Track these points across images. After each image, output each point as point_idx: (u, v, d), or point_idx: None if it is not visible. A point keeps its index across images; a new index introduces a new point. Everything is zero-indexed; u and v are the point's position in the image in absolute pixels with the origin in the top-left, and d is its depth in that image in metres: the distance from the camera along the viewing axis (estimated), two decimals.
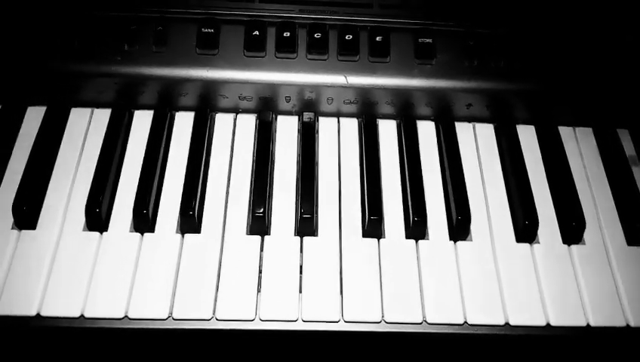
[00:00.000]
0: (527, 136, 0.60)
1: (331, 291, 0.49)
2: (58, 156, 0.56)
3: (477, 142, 0.60)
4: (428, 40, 0.58)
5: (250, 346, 0.50)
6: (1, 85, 0.57)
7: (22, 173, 0.53)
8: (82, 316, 0.47)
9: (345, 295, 0.49)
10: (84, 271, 0.49)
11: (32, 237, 0.51)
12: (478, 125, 0.61)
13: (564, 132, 0.61)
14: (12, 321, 0.47)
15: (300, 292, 0.49)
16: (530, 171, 0.58)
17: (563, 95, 0.59)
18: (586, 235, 0.54)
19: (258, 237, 0.52)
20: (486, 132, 0.60)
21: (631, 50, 0.59)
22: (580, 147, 0.61)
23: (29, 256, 0.50)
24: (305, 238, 0.52)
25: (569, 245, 0.54)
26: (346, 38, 0.57)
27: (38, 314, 0.47)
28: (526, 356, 0.53)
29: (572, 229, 0.54)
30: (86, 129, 0.58)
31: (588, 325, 0.50)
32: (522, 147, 0.59)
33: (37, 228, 0.51)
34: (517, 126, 0.61)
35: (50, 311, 0.47)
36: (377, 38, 0.58)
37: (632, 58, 0.59)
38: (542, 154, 0.59)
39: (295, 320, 0.48)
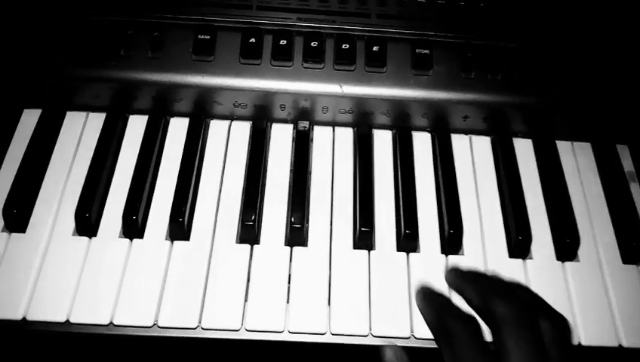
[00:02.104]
0: (524, 150, 0.60)
1: (319, 302, 0.49)
2: (51, 159, 0.55)
3: (473, 154, 0.59)
4: (425, 51, 0.57)
5: (236, 356, 0.50)
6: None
7: (14, 176, 0.53)
8: (68, 321, 0.47)
9: (332, 307, 0.49)
10: (72, 275, 0.49)
11: (21, 240, 0.51)
12: (475, 137, 0.60)
13: (562, 146, 0.60)
14: None
15: (288, 302, 0.49)
16: (526, 185, 0.57)
17: (561, 109, 0.58)
18: (581, 252, 0.54)
19: (247, 246, 0.52)
20: (482, 144, 0.60)
21: (631, 65, 0.58)
22: (578, 162, 0.60)
23: (17, 259, 0.50)
24: (295, 248, 0.52)
25: (563, 261, 0.53)
26: (343, 47, 0.57)
27: (24, 319, 0.47)
28: None
29: (566, 246, 0.53)
30: (80, 133, 0.58)
31: (579, 344, 0.49)
32: (518, 160, 0.58)
33: (27, 231, 0.51)
34: (514, 139, 0.60)
35: (36, 315, 0.47)
36: (374, 48, 0.57)
37: (632, 73, 0.58)
38: (538, 169, 0.59)
39: (281, 331, 0.48)
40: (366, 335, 0.48)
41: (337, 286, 0.50)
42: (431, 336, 0.47)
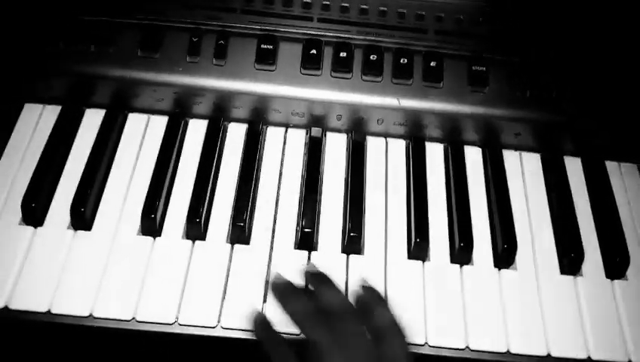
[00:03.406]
0: (574, 167, 0.61)
1: None
2: (114, 160, 0.57)
3: (523, 170, 0.60)
4: (481, 68, 0.59)
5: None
6: (61, 87, 0.59)
7: (81, 173, 0.55)
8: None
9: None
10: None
11: (86, 238, 0.52)
12: (525, 154, 0.61)
13: (610, 166, 0.62)
14: None
15: None
16: (575, 202, 0.58)
17: (613, 130, 0.59)
18: (630, 272, 0.55)
19: (305, 253, 0.53)
20: (533, 161, 0.61)
21: None
22: (625, 182, 0.61)
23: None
24: (351, 256, 0.53)
25: (612, 279, 0.54)
26: (401, 61, 0.58)
27: (91, 315, 0.49)
28: None
29: (616, 265, 0.54)
30: (142, 137, 0.59)
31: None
32: (569, 178, 0.60)
33: (92, 230, 0.53)
34: (564, 157, 0.61)
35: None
36: (431, 64, 0.59)
37: None
38: (587, 187, 0.60)
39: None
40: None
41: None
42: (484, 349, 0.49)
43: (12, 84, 0.59)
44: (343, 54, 0.58)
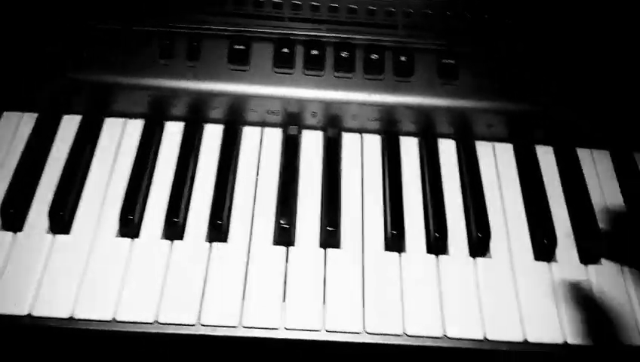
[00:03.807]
0: (546, 156, 0.62)
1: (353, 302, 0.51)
2: (92, 164, 0.58)
3: (497, 161, 0.61)
4: (451, 61, 0.60)
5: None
6: (40, 94, 0.59)
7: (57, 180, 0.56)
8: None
9: (366, 306, 0.51)
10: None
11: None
12: (498, 144, 0.62)
13: (581, 154, 0.63)
14: None
15: (324, 303, 0.51)
16: (548, 189, 0.59)
17: (585, 118, 0.60)
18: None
19: (283, 248, 0.54)
20: (506, 151, 0.62)
21: None
22: (597, 169, 0.62)
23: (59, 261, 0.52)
24: (328, 250, 0.54)
25: (586, 264, 0.55)
26: (372, 57, 0.59)
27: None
28: None
29: (589, 249, 0.55)
30: (119, 140, 0.60)
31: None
32: (541, 166, 0.61)
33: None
34: (536, 146, 0.62)
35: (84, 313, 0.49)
36: (402, 58, 0.60)
37: None
38: (560, 174, 0.61)
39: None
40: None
41: (371, 288, 0.52)
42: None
43: None
44: (314, 52, 0.59)
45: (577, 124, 0.61)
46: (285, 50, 0.59)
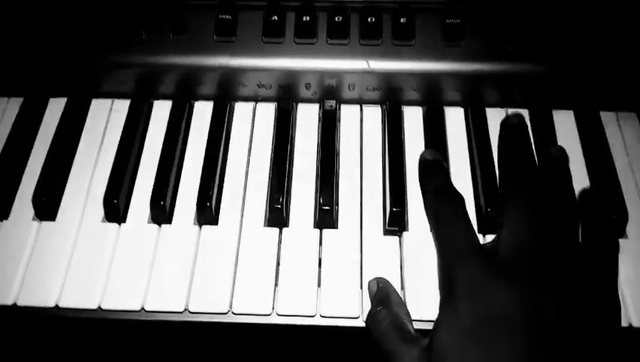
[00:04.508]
0: (566, 121, 0.56)
1: (353, 286, 0.48)
2: (78, 147, 0.55)
3: None
4: (456, 20, 0.54)
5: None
6: (23, 76, 0.57)
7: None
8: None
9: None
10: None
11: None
12: (512, 111, 0.57)
13: (606, 117, 0.57)
14: None
15: (319, 286, 0.48)
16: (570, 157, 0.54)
17: (604, 77, 0.54)
18: (629, 228, 0.50)
19: (276, 230, 0.50)
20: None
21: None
22: (623, 133, 0.56)
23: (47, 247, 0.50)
24: (324, 231, 0.50)
25: None
26: (368, 20, 0.55)
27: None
28: None
29: (613, 222, 0.50)
30: (106, 119, 0.57)
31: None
32: (558, 132, 0.55)
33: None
34: (554, 111, 0.57)
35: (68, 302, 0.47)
36: (401, 20, 0.55)
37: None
38: (581, 141, 0.55)
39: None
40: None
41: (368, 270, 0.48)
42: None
43: None
44: (305, 18, 0.55)
45: (596, 85, 0.55)
46: (274, 17, 0.55)
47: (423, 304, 0.46)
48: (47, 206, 0.51)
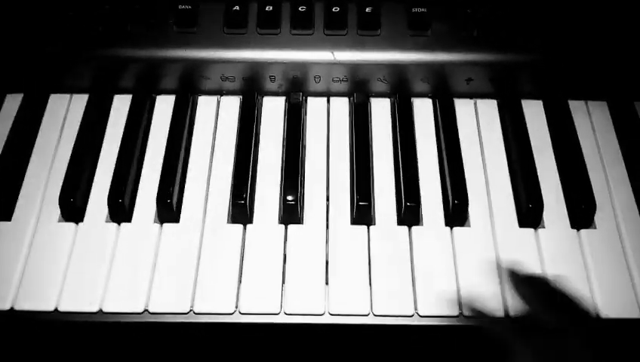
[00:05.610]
0: (535, 111, 0.56)
1: (317, 282, 0.46)
2: (33, 150, 0.53)
3: (478, 119, 0.55)
4: (422, 9, 0.53)
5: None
6: None
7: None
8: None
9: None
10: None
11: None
12: (480, 101, 0.56)
13: (575, 105, 0.56)
14: None
15: (283, 283, 0.46)
16: (536, 149, 0.53)
17: (571, 66, 0.54)
18: (597, 219, 0.50)
19: (240, 226, 0.49)
20: (488, 109, 0.56)
21: None
22: (593, 122, 0.56)
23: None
24: (290, 226, 0.49)
25: (578, 230, 0.49)
26: (333, 10, 0.53)
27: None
28: None
29: (582, 212, 0.49)
30: (64, 115, 0.55)
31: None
32: (528, 122, 0.54)
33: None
34: (523, 101, 0.56)
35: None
36: (366, 10, 0.53)
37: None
38: (549, 130, 0.55)
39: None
40: (367, 315, 0.45)
41: (337, 265, 0.47)
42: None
43: None
44: (269, 8, 0.53)
45: (563, 73, 0.54)
46: (236, 7, 0.53)
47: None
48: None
